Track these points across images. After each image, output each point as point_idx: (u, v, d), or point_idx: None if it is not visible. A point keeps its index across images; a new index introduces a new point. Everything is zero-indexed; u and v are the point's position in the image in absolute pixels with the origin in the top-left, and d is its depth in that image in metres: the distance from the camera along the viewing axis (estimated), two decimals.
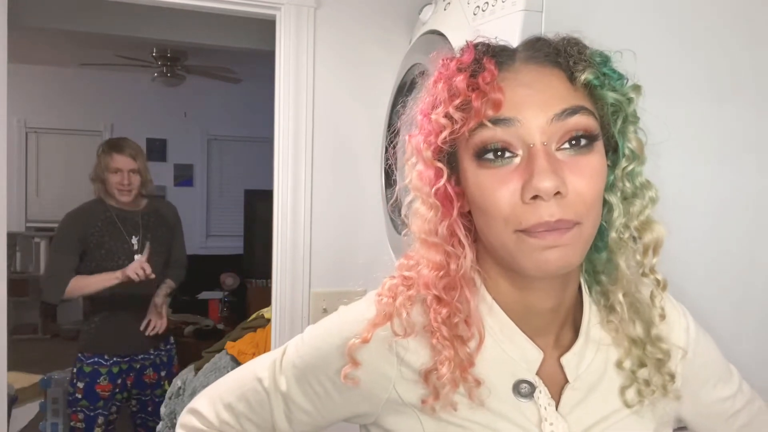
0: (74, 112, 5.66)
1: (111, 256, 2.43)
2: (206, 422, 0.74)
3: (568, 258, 0.57)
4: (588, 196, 0.57)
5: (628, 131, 0.63)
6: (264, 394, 0.71)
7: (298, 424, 0.71)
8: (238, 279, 5.17)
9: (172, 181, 6.11)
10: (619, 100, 0.61)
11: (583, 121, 0.58)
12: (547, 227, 0.56)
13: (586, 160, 0.58)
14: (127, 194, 2.47)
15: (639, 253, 0.65)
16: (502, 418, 0.63)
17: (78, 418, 2.41)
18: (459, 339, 0.61)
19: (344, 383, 0.65)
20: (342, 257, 1.83)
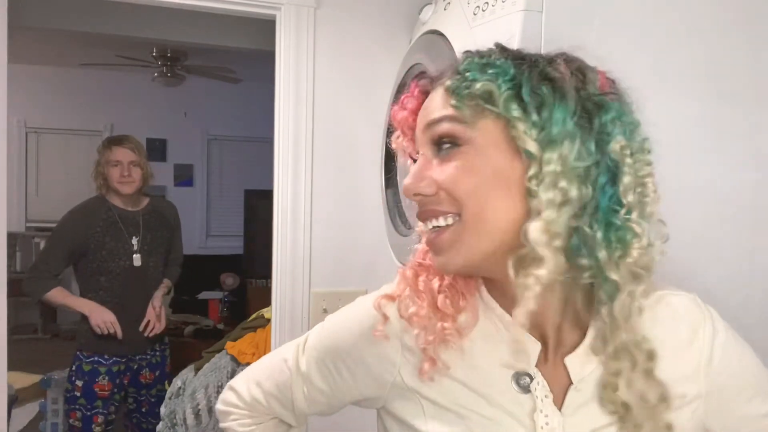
0: (74, 112, 5.66)
1: (112, 256, 2.44)
2: (240, 398, 0.83)
3: (447, 257, 0.63)
4: (443, 184, 0.62)
5: (516, 129, 0.60)
6: (288, 374, 0.79)
7: (315, 404, 0.79)
8: (238, 279, 5.17)
9: (172, 181, 6.12)
10: (476, 100, 0.62)
11: (443, 128, 0.63)
12: (420, 217, 0.66)
13: (450, 159, 0.63)
14: (129, 186, 2.47)
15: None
16: (497, 408, 0.66)
17: (76, 417, 2.41)
18: (442, 295, 0.67)
19: (360, 351, 0.73)
20: (342, 257, 1.83)
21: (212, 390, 2.25)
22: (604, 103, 0.62)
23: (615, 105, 0.62)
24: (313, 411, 0.81)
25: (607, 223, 0.60)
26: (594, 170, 0.60)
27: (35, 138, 5.72)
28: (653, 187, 0.62)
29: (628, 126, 0.62)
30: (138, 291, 2.48)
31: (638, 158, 0.62)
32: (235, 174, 6.23)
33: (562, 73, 0.62)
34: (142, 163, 2.52)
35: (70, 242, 2.42)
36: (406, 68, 1.61)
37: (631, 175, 0.60)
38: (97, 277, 2.44)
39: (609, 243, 0.60)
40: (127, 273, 2.46)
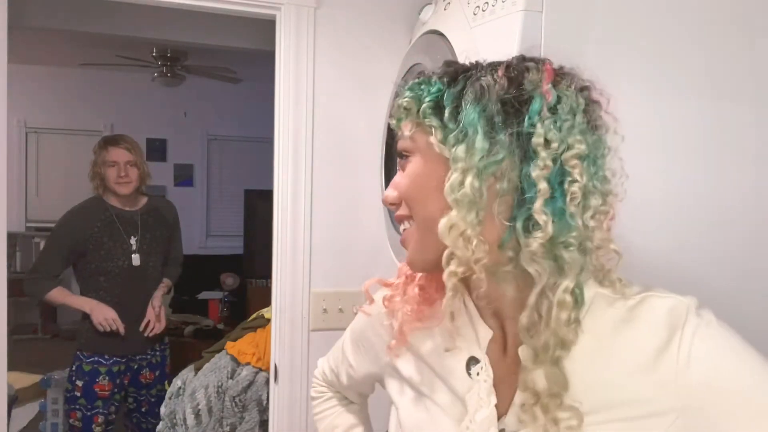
0: (74, 112, 5.65)
1: (110, 256, 2.43)
2: (319, 371, 1.03)
3: (410, 253, 0.71)
4: (403, 194, 0.70)
5: (430, 134, 0.67)
6: (340, 351, 0.95)
7: (350, 380, 0.93)
8: (238, 279, 5.17)
9: (172, 181, 6.11)
10: (401, 108, 0.70)
11: (400, 144, 0.72)
12: (396, 220, 0.73)
13: (402, 169, 0.71)
14: (126, 186, 2.45)
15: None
16: (447, 386, 0.72)
17: (76, 417, 2.41)
18: (420, 290, 0.76)
19: (366, 333, 0.87)
20: (342, 257, 1.84)
21: (212, 390, 2.25)
22: (532, 98, 0.63)
23: (541, 99, 0.62)
24: (350, 385, 0.95)
25: (527, 216, 0.62)
26: (517, 165, 0.62)
27: (35, 138, 5.72)
28: (585, 178, 0.62)
29: (560, 117, 0.62)
30: (137, 291, 2.47)
31: (563, 149, 0.61)
32: (235, 174, 6.23)
33: (492, 80, 0.64)
34: (138, 163, 2.50)
35: (68, 242, 2.41)
36: (406, 68, 1.61)
37: (545, 168, 0.61)
38: (96, 277, 2.43)
39: (528, 234, 0.61)
40: (126, 273, 2.45)
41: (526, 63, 0.66)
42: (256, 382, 2.25)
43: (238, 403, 2.24)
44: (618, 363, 0.63)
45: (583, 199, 0.61)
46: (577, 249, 0.61)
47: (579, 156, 0.62)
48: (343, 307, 1.83)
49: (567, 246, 0.61)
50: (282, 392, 1.81)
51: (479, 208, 0.62)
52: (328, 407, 1.00)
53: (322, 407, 1.01)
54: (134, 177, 2.48)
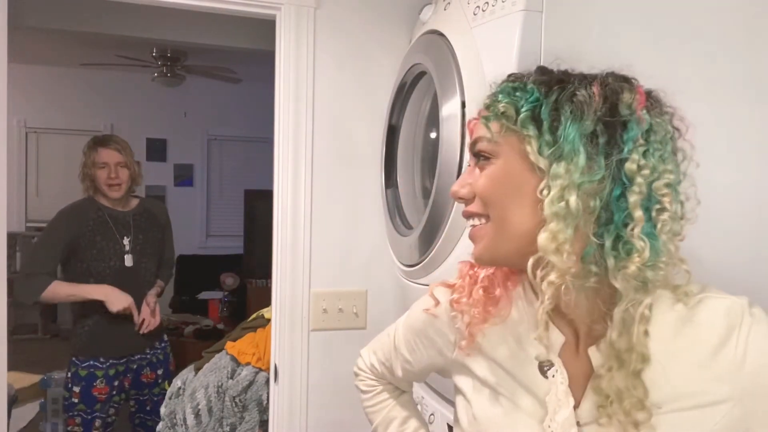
0: (74, 112, 5.65)
1: (102, 256, 2.40)
2: (365, 364, 1.05)
3: (479, 249, 0.75)
4: (481, 194, 0.73)
5: (529, 146, 0.69)
6: (390, 346, 0.98)
7: (406, 373, 0.97)
8: (238, 279, 5.16)
9: (172, 181, 6.11)
10: (505, 124, 0.71)
11: (479, 146, 0.74)
12: (463, 215, 0.77)
13: (483, 169, 0.74)
14: (117, 189, 2.43)
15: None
16: (523, 388, 0.76)
17: (75, 422, 2.39)
18: (485, 291, 0.79)
19: (427, 331, 0.89)
20: (342, 257, 1.84)
21: (212, 390, 2.25)
22: (628, 122, 0.66)
23: (637, 125, 0.66)
24: (406, 377, 0.98)
25: (616, 236, 0.66)
26: (608, 185, 0.66)
27: (35, 138, 5.72)
28: (673, 206, 0.67)
29: (653, 145, 0.67)
30: (131, 292, 2.41)
31: (655, 177, 0.66)
32: (235, 174, 6.23)
33: (587, 95, 0.67)
34: (129, 164, 2.47)
35: (63, 239, 2.36)
36: (406, 68, 1.61)
37: (640, 194, 0.65)
38: (86, 279, 2.38)
39: (617, 254, 0.66)
40: (117, 274, 2.41)
41: (619, 82, 0.69)
42: (256, 382, 2.25)
43: (238, 403, 2.24)
44: (681, 360, 0.69)
45: (671, 225, 0.67)
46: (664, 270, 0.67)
47: (669, 185, 0.67)
48: (343, 307, 1.83)
49: (656, 269, 0.66)
50: (282, 392, 1.81)
51: (575, 222, 0.66)
52: (381, 400, 1.03)
53: (375, 400, 1.04)
54: (125, 178, 2.45)
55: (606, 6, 1.14)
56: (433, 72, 1.39)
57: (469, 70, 1.25)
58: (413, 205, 1.66)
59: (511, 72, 0.76)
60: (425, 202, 1.49)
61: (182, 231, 5.84)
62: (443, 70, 1.33)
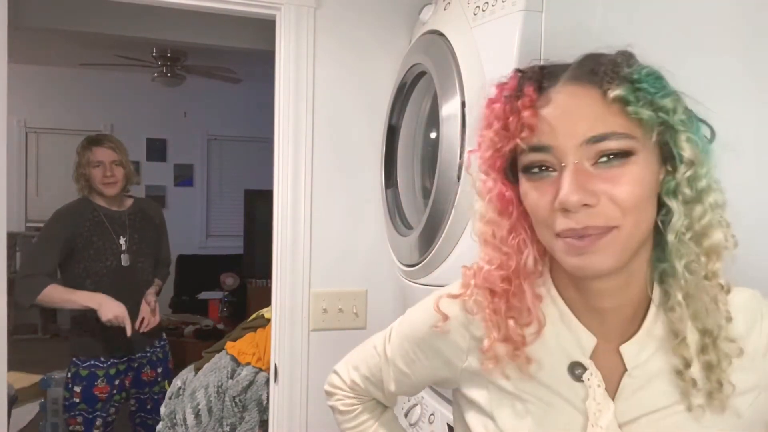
0: (74, 112, 5.65)
1: (99, 256, 2.40)
2: (342, 381, 0.95)
3: (601, 262, 0.64)
4: (621, 200, 0.62)
5: (679, 140, 0.65)
6: (377, 359, 0.89)
7: (401, 385, 0.87)
8: (238, 279, 5.17)
9: (172, 181, 6.11)
10: (654, 116, 0.63)
11: (612, 145, 0.63)
12: (574, 234, 0.63)
13: (620, 171, 0.63)
14: (112, 187, 2.43)
15: (702, 256, 0.67)
16: (555, 394, 0.71)
17: (77, 422, 2.39)
18: (513, 321, 0.71)
19: (437, 340, 0.79)
20: (342, 257, 1.84)
21: (212, 390, 2.25)
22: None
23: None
24: (400, 391, 0.89)
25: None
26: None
27: (35, 138, 5.72)
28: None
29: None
30: (128, 291, 2.42)
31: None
32: (235, 174, 6.23)
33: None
34: (124, 162, 2.48)
35: (60, 239, 2.36)
36: (406, 68, 1.61)
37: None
38: (83, 279, 2.38)
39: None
40: (114, 274, 2.42)
41: None
42: (256, 382, 2.25)
43: (238, 403, 2.23)
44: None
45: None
46: None
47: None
48: (343, 307, 1.83)
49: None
50: (282, 392, 1.81)
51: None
52: (362, 421, 0.95)
53: (356, 422, 0.95)
54: (120, 176, 2.45)
55: (606, 6, 1.14)
56: (433, 72, 1.39)
57: (469, 70, 1.25)
58: (413, 205, 1.66)
59: (589, 54, 0.69)
60: (425, 202, 1.49)
61: (182, 231, 5.88)
62: (443, 70, 1.33)
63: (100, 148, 2.44)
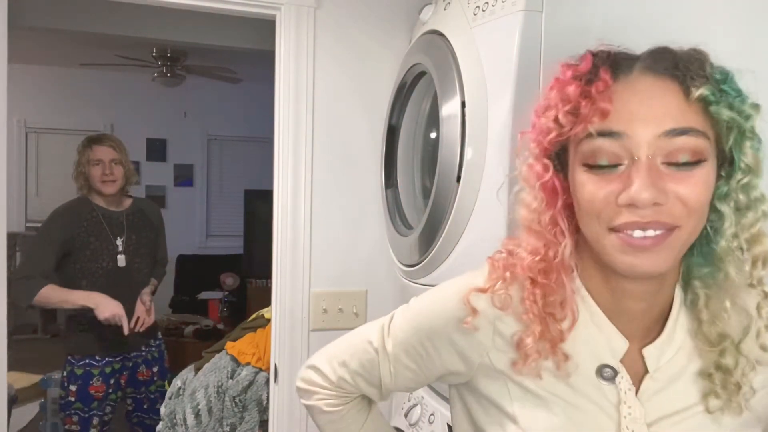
0: (74, 112, 5.65)
1: (95, 257, 2.40)
2: (325, 377, 0.87)
3: (657, 263, 0.62)
4: (690, 201, 0.61)
5: (744, 146, 0.64)
6: (373, 353, 0.82)
7: (402, 380, 0.81)
8: (238, 279, 5.17)
9: (172, 181, 6.11)
10: (734, 118, 0.62)
11: (690, 142, 0.61)
12: (638, 226, 0.61)
13: (690, 174, 0.61)
14: (111, 185, 2.43)
15: (747, 263, 0.67)
16: (582, 396, 0.69)
17: (72, 421, 2.39)
18: (551, 316, 0.67)
19: (456, 334, 0.74)
20: (342, 257, 1.84)
21: (212, 390, 2.25)
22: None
23: None
24: (399, 387, 0.84)
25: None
26: None
27: (35, 138, 5.72)
28: None
29: None
30: (123, 292, 2.41)
31: None
32: (235, 174, 6.23)
33: None
34: (123, 162, 2.48)
35: (57, 240, 2.35)
36: (406, 68, 1.61)
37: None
38: (79, 280, 2.38)
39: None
40: (110, 275, 2.41)
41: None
42: (256, 382, 2.25)
43: (238, 403, 2.24)
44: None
45: None
46: None
47: None
48: (343, 307, 1.83)
49: None
50: (282, 392, 1.81)
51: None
52: (350, 422, 0.89)
53: (343, 423, 0.89)
54: (119, 175, 2.45)
55: (606, 5, 1.14)
56: (433, 72, 1.39)
57: (469, 70, 1.25)
58: (413, 205, 1.66)
59: (619, 51, 0.67)
60: (425, 202, 1.49)
61: (182, 231, 5.88)
62: (443, 70, 1.33)
63: (99, 146, 2.45)
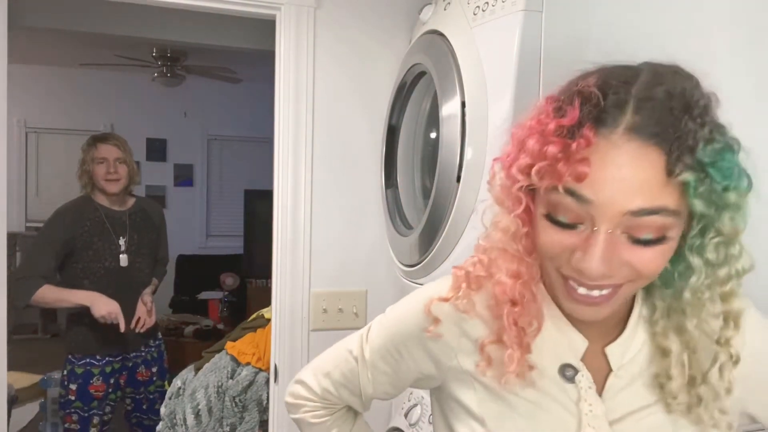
0: (74, 112, 5.65)
1: (98, 257, 2.40)
2: (311, 391, 0.90)
3: (599, 314, 0.65)
4: (643, 271, 0.61)
5: (723, 217, 0.60)
6: (354, 363, 0.85)
7: (380, 386, 0.84)
8: (238, 279, 5.17)
9: (172, 181, 6.11)
10: (706, 214, 0.59)
11: (658, 221, 0.58)
12: (584, 285, 0.62)
13: (651, 248, 0.59)
14: (115, 184, 2.43)
15: (718, 318, 0.66)
16: (546, 395, 0.71)
17: (72, 420, 2.39)
18: (522, 331, 0.69)
19: (427, 339, 0.76)
20: (342, 257, 1.84)
21: (212, 390, 2.25)
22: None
23: None
24: (378, 394, 0.86)
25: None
26: None
27: (35, 138, 5.72)
28: None
29: None
30: (125, 291, 2.42)
31: None
32: (235, 174, 6.23)
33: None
34: (128, 161, 2.48)
35: (58, 241, 2.35)
36: (406, 68, 1.61)
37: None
38: (81, 280, 2.38)
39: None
40: (111, 274, 2.42)
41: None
42: (256, 382, 2.26)
43: (238, 403, 2.24)
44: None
45: None
46: None
47: None
48: (343, 307, 1.83)
49: None
50: (282, 392, 1.81)
51: None
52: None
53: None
54: (123, 174, 2.45)
55: (606, 6, 1.13)
56: (433, 72, 1.39)
57: (469, 70, 1.25)
58: (413, 205, 1.66)
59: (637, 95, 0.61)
60: (425, 202, 1.49)
61: (182, 231, 5.87)
62: (443, 70, 1.33)
63: (104, 144, 2.45)
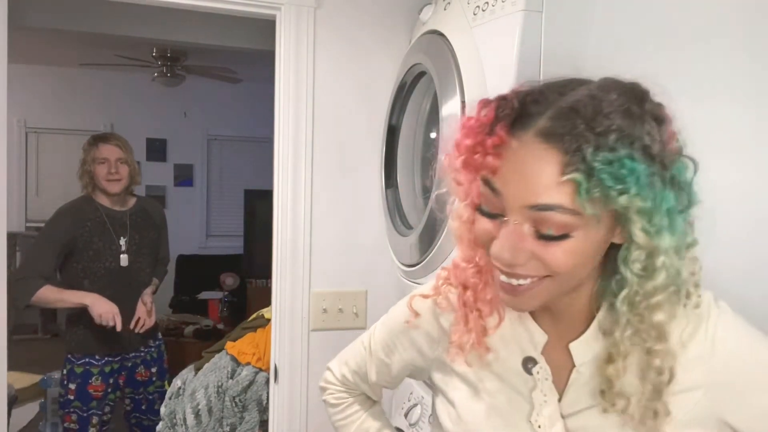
0: (74, 112, 5.65)
1: (98, 257, 2.40)
2: (334, 376, 1.03)
3: (527, 304, 0.70)
4: (552, 266, 0.64)
5: (633, 228, 0.61)
6: (364, 353, 0.97)
7: (381, 375, 0.95)
8: (238, 279, 5.17)
9: (172, 181, 6.11)
10: (596, 214, 0.60)
11: (556, 217, 0.61)
12: (504, 273, 0.67)
13: (556, 244, 0.62)
14: (116, 184, 2.42)
15: (650, 331, 0.67)
16: (508, 385, 0.77)
17: (71, 419, 2.39)
18: (478, 312, 0.76)
19: (410, 331, 0.87)
20: (342, 257, 1.84)
21: (212, 390, 2.25)
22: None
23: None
24: (381, 381, 0.97)
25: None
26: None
27: (35, 138, 5.72)
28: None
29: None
30: (125, 291, 2.42)
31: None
32: (235, 174, 6.23)
33: (656, 145, 0.62)
34: (129, 161, 2.47)
35: (59, 241, 2.35)
36: (406, 68, 1.61)
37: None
38: (81, 280, 2.37)
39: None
40: (112, 274, 2.41)
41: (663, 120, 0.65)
42: (256, 382, 2.25)
43: (238, 403, 2.24)
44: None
45: None
46: None
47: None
48: (343, 307, 1.83)
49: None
50: (282, 392, 1.81)
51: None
52: (352, 412, 1.01)
53: (346, 413, 1.01)
54: (125, 174, 2.45)
55: (606, 6, 1.14)
56: (433, 72, 1.39)
57: (469, 70, 1.25)
58: (413, 205, 1.66)
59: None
60: (425, 202, 1.49)
61: (182, 231, 5.87)
62: (443, 70, 1.33)
63: (106, 144, 2.44)
